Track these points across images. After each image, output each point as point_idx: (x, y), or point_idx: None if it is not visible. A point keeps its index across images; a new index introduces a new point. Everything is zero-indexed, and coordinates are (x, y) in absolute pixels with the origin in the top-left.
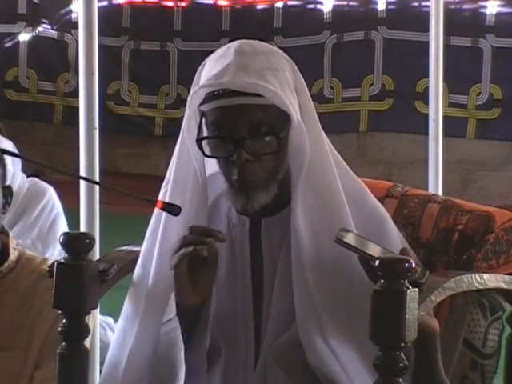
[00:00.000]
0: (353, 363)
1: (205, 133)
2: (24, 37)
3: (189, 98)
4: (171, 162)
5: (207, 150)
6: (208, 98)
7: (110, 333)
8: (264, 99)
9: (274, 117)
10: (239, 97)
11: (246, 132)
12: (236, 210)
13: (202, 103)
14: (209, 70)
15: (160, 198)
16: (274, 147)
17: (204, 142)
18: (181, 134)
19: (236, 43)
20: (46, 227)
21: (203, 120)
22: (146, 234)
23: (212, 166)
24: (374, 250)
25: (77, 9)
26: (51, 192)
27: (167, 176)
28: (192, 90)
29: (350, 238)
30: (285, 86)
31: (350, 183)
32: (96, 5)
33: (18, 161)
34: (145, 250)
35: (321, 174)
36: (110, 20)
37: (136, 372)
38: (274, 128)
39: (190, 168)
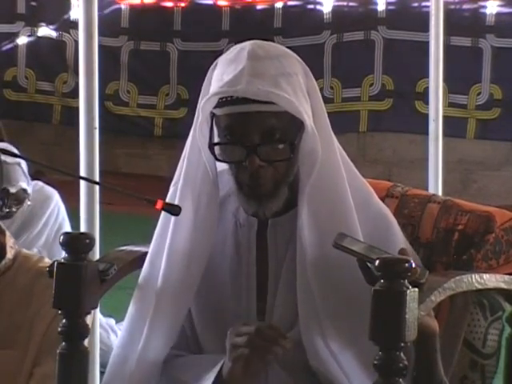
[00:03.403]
0: (353, 367)
1: (216, 135)
2: (23, 37)
3: (201, 104)
4: (181, 161)
5: (219, 154)
6: (221, 103)
7: (113, 336)
8: (277, 106)
9: (286, 123)
10: (253, 104)
11: (259, 139)
12: (245, 212)
13: (214, 107)
14: (221, 74)
15: (169, 196)
16: (287, 154)
17: (216, 147)
18: (191, 134)
19: (248, 45)
20: (52, 235)
21: (214, 122)
22: (155, 233)
23: (219, 163)
24: (373, 252)
25: (76, 9)
26: (57, 198)
27: (176, 174)
28: (205, 96)
29: (348, 242)
30: (298, 91)
31: (357, 185)
32: (96, 5)
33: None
34: (153, 248)
35: (330, 177)
36: (109, 20)
37: (145, 372)
38: (287, 134)
39: (199, 167)
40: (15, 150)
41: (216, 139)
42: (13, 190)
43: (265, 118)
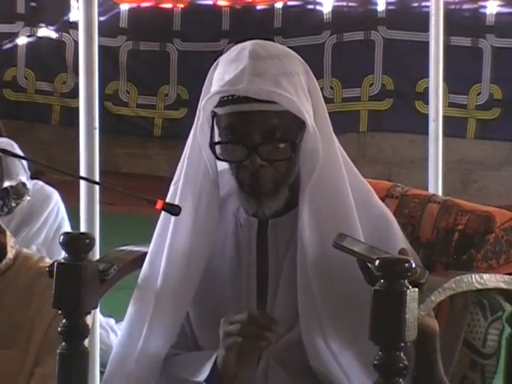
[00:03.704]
0: (353, 367)
1: (216, 134)
2: (22, 37)
3: (202, 103)
4: (181, 160)
5: (220, 153)
6: (222, 103)
7: (113, 335)
8: (279, 105)
9: (288, 123)
10: (254, 103)
11: (260, 138)
12: (246, 212)
13: (215, 106)
14: (222, 73)
15: (170, 195)
16: (288, 153)
17: (217, 146)
18: (192, 133)
19: (249, 45)
20: (51, 234)
21: (215, 121)
22: (155, 232)
23: (220, 163)
24: (373, 252)
25: (75, 11)
26: (56, 197)
27: (177, 174)
28: (206, 96)
29: (348, 242)
30: (299, 91)
31: (358, 185)
32: (96, 6)
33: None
34: (153, 248)
35: (331, 177)
36: (107, 21)
37: (144, 371)
38: (288, 134)
39: (200, 166)
40: (16, 146)
41: (217, 138)
42: (13, 183)
43: (266, 118)
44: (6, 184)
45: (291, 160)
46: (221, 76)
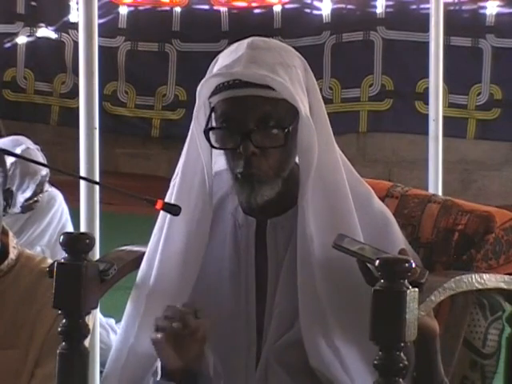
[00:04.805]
0: (356, 365)
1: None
2: (22, 37)
3: (198, 88)
4: (181, 157)
5: (215, 141)
6: (218, 89)
7: (113, 335)
8: (274, 92)
9: (282, 111)
10: (249, 88)
11: (254, 124)
12: (242, 208)
13: (211, 95)
14: (221, 63)
15: (169, 191)
16: (281, 141)
17: (211, 134)
18: (191, 129)
19: (250, 39)
20: (55, 235)
21: (212, 114)
22: (153, 232)
23: (219, 163)
24: (372, 252)
25: (75, 13)
26: (60, 198)
27: (177, 170)
28: (204, 87)
29: (347, 243)
30: (295, 82)
31: (357, 186)
32: (96, 6)
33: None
34: (150, 248)
35: (330, 174)
36: (106, 21)
37: (135, 370)
38: (282, 122)
39: (198, 165)
40: (30, 142)
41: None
42: (43, 173)
43: (260, 104)
44: (41, 174)
45: (284, 148)
46: (219, 66)
